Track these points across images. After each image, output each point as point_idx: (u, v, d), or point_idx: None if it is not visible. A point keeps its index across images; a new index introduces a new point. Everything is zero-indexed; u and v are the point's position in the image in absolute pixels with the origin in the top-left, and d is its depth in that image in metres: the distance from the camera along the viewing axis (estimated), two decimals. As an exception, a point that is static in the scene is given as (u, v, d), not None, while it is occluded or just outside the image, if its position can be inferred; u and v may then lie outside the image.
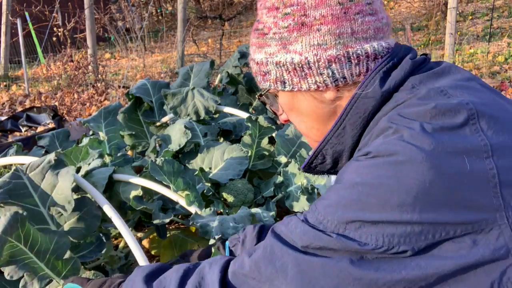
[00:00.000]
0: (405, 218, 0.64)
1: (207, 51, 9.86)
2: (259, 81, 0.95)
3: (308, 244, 0.70)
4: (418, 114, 0.70)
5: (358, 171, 0.70)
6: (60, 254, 1.39)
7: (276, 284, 0.73)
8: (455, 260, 0.63)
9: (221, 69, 3.43)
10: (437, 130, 0.67)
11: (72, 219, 1.53)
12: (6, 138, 4.46)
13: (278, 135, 2.28)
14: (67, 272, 1.39)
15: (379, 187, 0.66)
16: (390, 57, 0.82)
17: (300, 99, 0.89)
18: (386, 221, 0.65)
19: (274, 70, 0.87)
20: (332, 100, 0.87)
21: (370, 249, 0.65)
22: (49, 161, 1.54)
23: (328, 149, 0.88)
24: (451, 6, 5.94)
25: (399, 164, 0.65)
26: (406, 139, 0.67)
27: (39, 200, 1.49)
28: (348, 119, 0.83)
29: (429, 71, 0.80)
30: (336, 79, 0.83)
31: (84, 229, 1.53)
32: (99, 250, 1.54)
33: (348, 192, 0.69)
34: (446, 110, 0.69)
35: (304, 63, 0.83)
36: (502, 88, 4.92)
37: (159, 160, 1.80)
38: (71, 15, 8.16)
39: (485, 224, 0.63)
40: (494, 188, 0.64)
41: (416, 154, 0.65)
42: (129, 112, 2.63)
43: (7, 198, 1.43)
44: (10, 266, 1.27)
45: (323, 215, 0.71)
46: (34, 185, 1.50)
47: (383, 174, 0.66)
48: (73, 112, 5.28)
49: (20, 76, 8.93)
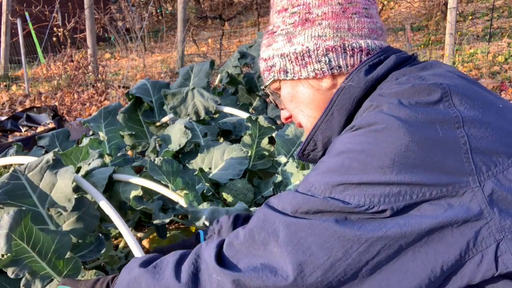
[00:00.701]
0: (384, 179, 0.70)
1: (207, 51, 9.86)
2: (265, 77, 1.04)
3: (297, 208, 0.75)
4: (397, 92, 0.78)
5: (343, 141, 0.78)
6: (62, 254, 1.39)
7: (269, 248, 0.77)
8: (431, 219, 0.68)
9: (221, 69, 3.43)
10: (413, 105, 0.74)
11: (71, 219, 1.53)
12: (6, 138, 4.46)
13: (278, 135, 2.29)
14: (68, 271, 1.39)
15: (360, 153, 0.73)
16: (378, 54, 0.92)
17: (300, 88, 0.99)
18: (367, 183, 0.71)
19: (278, 62, 0.98)
20: (328, 88, 0.96)
21: (352, 207, 0.70)
22: (47, 160, 1.53)
23: (319, 134, 0.95)
24: (451, 6, 5.94)
25: (378, 131, 0.73)
26: (385, 111, 0.75)
27: (38, 200, 1.49)
28: (336, 105, 0.90)
29: (412, 66, 0.89)
30: (332, 67, 0.93)
31: (83, 229, 1.53)
32: (99, 250, 1.54)
33: (333, 160, 0.77)
34: (422, 89, 0.76)
35: (305, 51, 0.94)
36: (502, 88, 4.92)
37: (158, 159, 1.80)
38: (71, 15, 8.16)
39: (459, 187, 0.69)
40: (465, 154, 0.70)
41: (393, 122, 0.72)
42: (129, 112, 2.64)
43: (6, 199, 1.43)
44: (14, 266, 1.28)
45: (311, 183, 0.77)
46: (33, 186, 1.50)
47: (364, 140, 0.74)
48: (73, 112, 5.28)
49: (20, 76, 8.93)
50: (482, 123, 0.73)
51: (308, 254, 0.72)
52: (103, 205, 1.52)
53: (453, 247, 0.69)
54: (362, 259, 0.70)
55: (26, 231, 1.30)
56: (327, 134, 0.93)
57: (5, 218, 1.26)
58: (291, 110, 1.04)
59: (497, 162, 0.70)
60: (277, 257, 0.75)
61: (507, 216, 0.68)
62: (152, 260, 0.94)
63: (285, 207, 0.78)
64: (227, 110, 2.61)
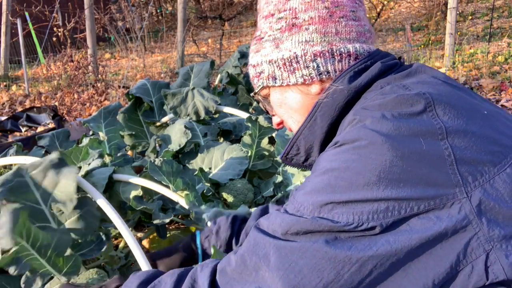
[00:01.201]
0: (371, 196, 0.69)
1: (207, 51, 9.86)
2: (255, 84, 1.03)
3: (287, 230, 0.74)
4: (380, 104, 0.77)
5: (328, 158, 0.77)
6: (61, 251, 1.40)
7: (260, 273, 0.76)
8: (421, 234, 0.68)
9: (221, 69, 3.43)
10: (396, 117, 0.74)
11: (73, 218, 1.54)
12: (6, 138, 4.46)
13: (278, 135, 2.29)
14: (68, 269, 1.40)
15: (346, 170, 0.72)
16: (364, 60, 0.91)
17: (289, 94, 0.98)
18: (354, 200, 0.70)
19: (267, 68, 0.97)
20: (317, 93, 0.94)
21: (341, 226, 0.70)
22: (51, 160, 1.55)
23: (301, 140, 0.95)
24: (451, 6, 5.94)
25: (362, 147, 0.72)
26: (368, 126, 0.74)
27: (41, 198, 1.50)
28: (319, 111, 0.90)
29: (397, 74, 0.88)
30: (321, 73, 0.92)
31: (84, 228, 1.53)
32: (99, 249, 1.55)
33: (320, 178, 0.76)
34: (405, 100, 0.76)
35: (293, 57, 0.93)
36: (502, 88, 4.92)
37: (158, 160, 1.80)
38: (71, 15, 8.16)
39: (446, 200, 0.68)
40: (451, 166, 0.69)
41: (377, 137, 0.71)
42: (129, 112, 2.64)
43: (9, 195, 1.44)
44: (15, 264, 1.29)
45: (299, 202, 0.76)
46: (36, 183, 1.51)
47: (349, 158, 0.73)
48: (73, 112, 5.28)
49: (20, 76, 8.93)
50: (466, 132, 0.72)
51: (300, 278, 0.71)
52: (103, 205, 1.52)
53: (444, 260, 0.68)
54: (355, 279, 0.69)
55: (25, 229, 1.31)
56: (310, 139, 0.93)
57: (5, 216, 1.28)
58: (281, 116, 1.04)
59: (483, 171, 0.70)
60: (269, 282, 0.74)
61: (495, 226, 0.68)
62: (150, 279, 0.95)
63: (275, 229, 0.77)
64: (227, 110, 2.61)
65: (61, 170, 1.54)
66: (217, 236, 1.24)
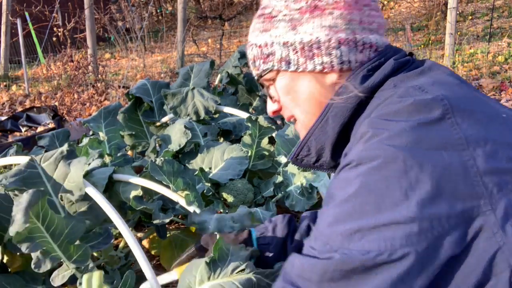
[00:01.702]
0: (400, 217, 0.65)
1: (207, 51, 9.86)
2: (257, 66, 0.95)
3: (321, 277, 0.68)
4: (396, 112, 0.72)
5: (347, 183, 0.71)
6: (73, 239, 1.44)
7: None
8: (450, 252, 0.65)
9: (221, 69, 3.43)
10: (414, 127, 0.69)
11: (82, 209, 1.59)
12: (6, 138, 4.46)
13: (278, 135, 2.28)
14: (78, 257, 1.43)
15: (370, 194, 0.68)
16: (378, 57, 0.86)
17: (301, 81, 0.91)
18: (384, 224, 0.65)
19: (279, 51, 0.89)
20: (332, 84, 0.89)
21: (373, 256, 0.65)
22: (62, 151, 1.61)
23: (313, 141, 0.91)
24: (451, 6, 5.94)
25: (383, 167, 0.67)
26: (386, 141, 0.69)
27: (52, 189, 1.56)
28: (331, 111, 0.86)
29: (410, 71, 0.83)
30: (342, 62, 0.86)
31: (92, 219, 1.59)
32: (106, 242, 1.57)
33: (343, 207, 0.70)
34: (423, 105, 0.71)
35: (314, 42, 0.86)
36: (502, 88, 4.92)
37: (159, 160, 1.80)
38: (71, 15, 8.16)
39: (472, 213, 0.65)
40: (475, 177, 0.66)
41: (396, 154, 0.67)
42: (129, 112, 2.64)
43: (21, 185, 1.49)
44: (27, 242, 1.32)
45: (326, 236, 0.71)
46: (48, 175, 1.57)
47: (370, 180, 0.68)
48: (73, 112, 5.28)
49: (20, 76, 8.93)
50: (487, 140, 0.68)
51: None
52: (103, 205, 1.52)
53: (470, 277, 0.66)
54: None
55: (42, 211, 1.35)
56: (321, 140, 0.90)
57: (25, 195, 1.31)
58: (285, 103, 0.96)
59: (508, 181, 0.66)
60: None
61: None
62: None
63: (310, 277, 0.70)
64: (227, 110, 2.61)
65: (71, 161, 1.60)
66: (273, 233, 1.19)
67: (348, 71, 0.87)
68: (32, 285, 1.54)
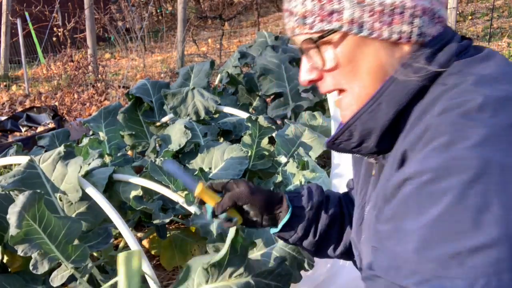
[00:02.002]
0: (504, 235, 0.55)
1: (207, 51, 9.86)
2: (309, 23, 0.77)
3: None
4: (479, 109, 0.63)
5: (429, 201, 0.61)
6: (71, 239, 1.44)
7: None
8: None
9: (221, 69, 3.43)
10: (505, 129, 0.61)
11: (80, 209, 1.59)
12: (6, 138, 4.46)
13: (278, 135, 2.29)
14: (76, 257, 1.44)
15: (465, 211, 0.57)
16: (439, 38, 0.76)
17: (369, 49, 0.76)
18: (488, 245, 0.56)
19: (351, 9, 0.73)
20: (400, 57, 0.75)
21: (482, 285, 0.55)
22: (59, 152, 1.62)
23: (358, 125, 0.79)
24: (451, 6, 5.94)
25: (474, 181, 0.58)
26: (473, 149, 0.59)
27: (51, 189, 1.57)
28: (387, 95, 0.75)
29: (473, 56, 0.74)
30: (421, 33, 0.74)
31: (90, 219, 1.59)
32: (106, 242, 1.58)
33: (431, 228, 0.60)
34: (500, 103, 0.63)
35: (398, 6, 0.72)
36: (502, 88, 4.92)
37: (159, 160, 1.80)
38: (71, 15, 8.16)
39: None
40: None
41: (486, 165, 0.58)
42: (129, 112, 2.64)
43: (20, 186, 1.49)
44: (24, 244, 1.32)
45: (415, 262, 0.60)
46: (46, 176, 1.58)
47: (462, 196, 0.58)
48: (73, 112, 5.29)
49: (20, 76, 8.93)
50: None
51: None
52: (103, 205, 1.53)
53: None
54: None
55: (39, 213, 1.35)
56: (369, 126, 0.78)
57: (20, 197, 1.31)
58: (340, 75, 0.80)
59: None
60: None
61: None
62: None
63: None
64: (227, 110, 2.61)
65: (69, 161, 1.61)
66: (309, 196, 1.08)
67: (422, 46, 0.75)
68: (32, 285, 1.54)
